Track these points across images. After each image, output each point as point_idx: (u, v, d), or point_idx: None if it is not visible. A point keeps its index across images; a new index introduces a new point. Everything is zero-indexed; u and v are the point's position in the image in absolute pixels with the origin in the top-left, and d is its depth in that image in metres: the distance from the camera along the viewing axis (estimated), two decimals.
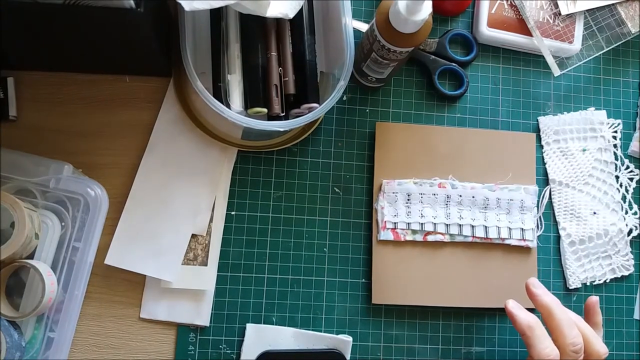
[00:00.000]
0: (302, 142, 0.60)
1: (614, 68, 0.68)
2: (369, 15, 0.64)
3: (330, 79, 0.58)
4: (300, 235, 0.59)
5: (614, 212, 0.64)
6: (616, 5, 0.65)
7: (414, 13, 0.48)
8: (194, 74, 0.50)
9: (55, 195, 0.53)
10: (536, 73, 0.66)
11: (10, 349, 0.49)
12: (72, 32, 0.47)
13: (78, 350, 0.54)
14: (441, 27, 0.65)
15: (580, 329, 0.51)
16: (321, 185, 0.60)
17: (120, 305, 0.55)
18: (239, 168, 0.59)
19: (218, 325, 0.56)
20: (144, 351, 0.55)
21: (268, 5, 0.50)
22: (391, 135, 0.61)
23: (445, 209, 0.61)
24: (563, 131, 0.65)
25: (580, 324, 0.52)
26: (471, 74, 0.65)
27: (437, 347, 0.59)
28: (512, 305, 0.52)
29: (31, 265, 0.49)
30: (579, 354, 0.50)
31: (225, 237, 0.58)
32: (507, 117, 0.64)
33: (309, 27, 0.57)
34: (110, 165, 0.57)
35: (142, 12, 0.42)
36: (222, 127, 0.57)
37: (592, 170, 0.65)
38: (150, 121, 0.58)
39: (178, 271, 0.55)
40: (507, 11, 0.64)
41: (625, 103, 0.67)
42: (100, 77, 0.58)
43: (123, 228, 0.55)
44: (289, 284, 0.58)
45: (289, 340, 0.56)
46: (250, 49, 0.54)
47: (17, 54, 0.53)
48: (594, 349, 0.51)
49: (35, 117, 0.56)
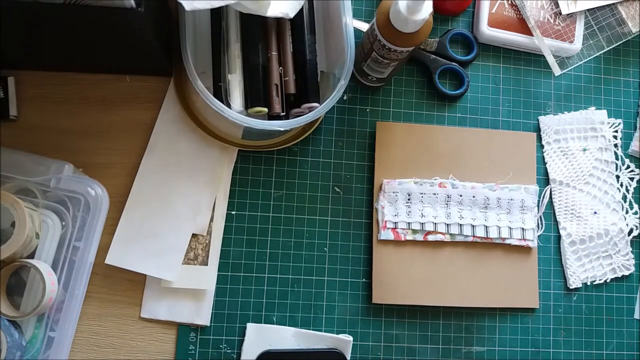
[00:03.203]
0: (303, 142, 0.60)
1: (614, 67, 0.68)
2: (369, 15, 0.64)
3: (330, 78, 0.58)
4: (300, 235, 0.59)
5: (614, 211, 0.64)
6: (617, 4, 0.65)
7: (414, 13, 0.48)
8: (195, 74, 0.50)
9: (55, 195, 0.53)
10: (537, 72, 0.66)
11: (11, 348, 0.49)
12: (73, 32, 0.47)
13: (79, 350, 0.54)
14: (442, 26, 0.65)
15: None
16: (322, 184, 0.60)
17: (121, 305, 0.55)
18: (240, 168, 0.59)
19: (218, 324, 0.56)
20: (145, 350, 0.55)
21: (268, 5, 0.50)
22: (392, 134, 0.61)
23: (445, 209, 0.61)
24: (564, 131, 0.65)
25: None
26: (472, 74, 0.65)
27: (437, 347, 0.59)
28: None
29: (32, 265, 0.49)
30: None
31: (225, 237, 0.58)
32: (507, 117, 0.64)
33: (310, 26, 0.57)
34: (110, 165, 0.57)
35: (142, 12, 0.42)
36: (223, 126, 0.57)
37: (593, 170, 0.65)
38: (151, 121, 0.58)
39: (178, 271, 0.55)
40: (508, 11, 0.64)
41: (625, 102, 0.67)
42: (101, 76, 0.58)
43: (123, 227, 0.55)
44: (290, 284, 0.58)
45: (289, 339, 0.56)
46: (251, 48, 0.54)
47: (18, 53, 0.53)
48: None
49: (36, 116, 0.56)
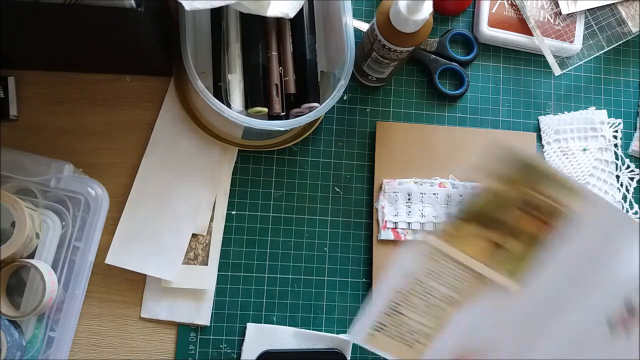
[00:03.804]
0: (303, 142, 0.60)
1: (614, 67, 0.68)
2: (369, 15, 0.64)
3: (330, 78, 0.58)
4: (300, 235, 0.59)
5: None
6: (617, 4, 0.65)
7: (414, 12, 0.48)
8: (195, 74, 0.50)
9: (55, 195, 0.53)
10: (537, 72, 0.66)
11: (11, 348, 0.49)
12: (73, 32, 0.47)
13: (79, 350, 0.54)
14: (442, 26, 0.65)
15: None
16: (322, 184, 0.60)
17: (121, 305, 0.55)
18: (240, 167, 0.59)
19: (219, 324, 0.56)
20: (145, 350, 0.55)
21: (268, 5, 0.50)
22: (392, 134, 0.61)
23: (446, 209, 0.61)
24: (564, 131, 0.65)
25: None
26: (472, 74, 0.65)
27: None
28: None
29: (32, 265, 0.49)
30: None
31: (225, 237, 0.58)
32: (507, 117, 0.64)
33: (310, 26, 0.57)
34: (110, 165, 0.57)
35: (142, 12, 0.42)
36: (223, 126, 0.57)
37: (593, 170, 0.64)
38: (151, 121, 0.58)
39: (178, 270, 0.55)
40: (508, 11, 0.64)
41: (625, 102, 0.67)
42: (101, 76, 0.58)
43: (123, 227, 0.55)
44: (290, 284, 0.58)
45: (289, 339, 0.56)
46: (251, 48, 0.54)
47: (18, 53, 0.53)
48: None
49: (36, 116, 0.56)
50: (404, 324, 0.46)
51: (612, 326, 0.44)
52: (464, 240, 0.43)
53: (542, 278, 0.44)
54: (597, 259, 0.45)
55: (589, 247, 0.44)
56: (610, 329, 0.45)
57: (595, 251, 0.45)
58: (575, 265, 0.44)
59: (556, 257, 0.44)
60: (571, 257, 0.44)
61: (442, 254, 0.43)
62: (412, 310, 0.45)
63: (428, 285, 0.45)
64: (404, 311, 0.45)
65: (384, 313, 0.45)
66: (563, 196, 0.43)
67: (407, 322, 0.46)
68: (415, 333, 0.46)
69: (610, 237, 0.45)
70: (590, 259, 0.44)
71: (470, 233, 0.43)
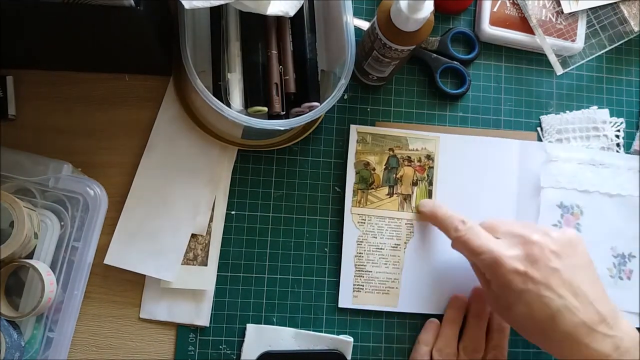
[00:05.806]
0: (303, 141, 0.59)
1: (616, 67, 0.67)
2: (370, 14, 0.64)
3: (331, 77, 0.58)
4: (300, 235, 0.59)
5: None
6: (619, 3, 0.64)
7: (415, 11, 0.48)
8: (194, 73, 0.50)
9: (54, 195, 0.53)
10: (538, 71, 0.66)
11: (10, 348, 0.49)
12: (72, 31, 0.47)
13: (77, 350, 0.54)
14: (443, 25, 0.65)
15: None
16: (322, 184, 0.60)
17: (120, 305, 0.55)
18: (239, 167, 0.59)
19: (218, 325, 0.56)
20: (144, 351, 0.55)
21: (268, 4, 0.50)
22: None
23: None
24: (565, 130, 0.64)
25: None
26: (473, 73, 0.64)
27: None
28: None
29: (30, 265, 0.49)
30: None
31: (225, 237, 0.57)
32: (509, 116, 0.64)
33: (310, 25, 0.56)
34: (109, 165, 0.56)
35: (141, 11, 0.42)
36: (222, 126, 0.57)
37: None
38: (150, 120, 0.57)
39: (178, 271, 0.55)
40: (510, 9, 0.64)
41: (627, 102, 0.67)
42: (100, 75, 0.57)
43: (122, 227, 0.55)
44: (290, 284, 0.58)
45: (289, 340, 0.56)
46: (251, 47, 0.54)
47: (17, 52, 0.53)
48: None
49: (35, 116, 0.56)
50: (374, 279, 0.58)
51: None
52: (384, 202, 0.59)
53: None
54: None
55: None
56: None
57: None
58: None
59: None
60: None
61: (370, 217, 0.59)
62: (374, 266, 0.58)
63: (375, 242, 0.58)
64: (369, 268, 0.58)
65: (355, 276, 0.58)
66: (421, 144, 0.60)
67: (375, 276, 0.58)
68: (385, 282, 0.58)
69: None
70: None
71: (385, 195, 0.59)
